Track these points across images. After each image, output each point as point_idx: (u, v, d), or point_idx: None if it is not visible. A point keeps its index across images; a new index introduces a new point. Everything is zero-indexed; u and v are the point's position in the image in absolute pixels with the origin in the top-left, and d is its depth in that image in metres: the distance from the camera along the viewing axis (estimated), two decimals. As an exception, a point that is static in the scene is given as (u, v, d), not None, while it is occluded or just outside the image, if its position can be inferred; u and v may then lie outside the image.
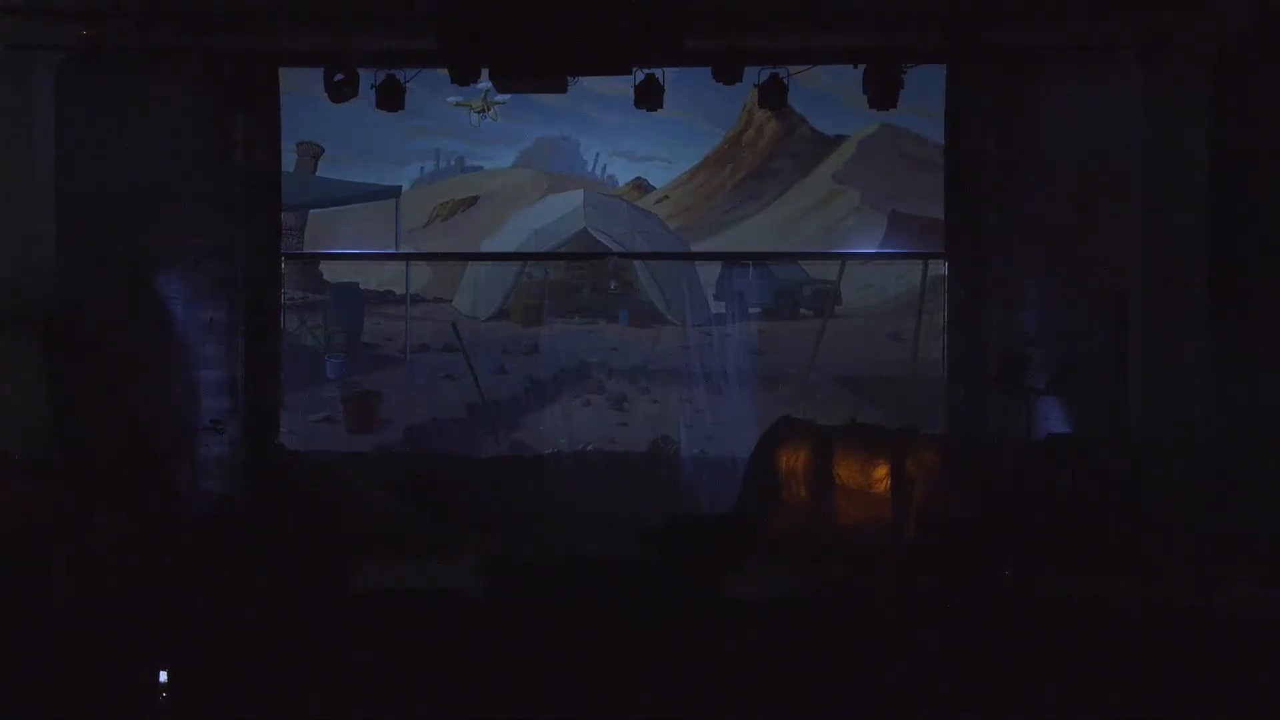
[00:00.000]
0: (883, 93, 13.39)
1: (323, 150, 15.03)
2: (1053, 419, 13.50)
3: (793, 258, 15.19)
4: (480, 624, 8.77)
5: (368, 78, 13.53)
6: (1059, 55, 13.77)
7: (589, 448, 14.99)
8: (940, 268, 14.88)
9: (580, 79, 13.70)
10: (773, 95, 13.69)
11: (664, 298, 15.22)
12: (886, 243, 14.94)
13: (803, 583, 10.35)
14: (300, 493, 12.96)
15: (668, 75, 13.29)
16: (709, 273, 15.21)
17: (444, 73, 12.88)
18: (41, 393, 13.46)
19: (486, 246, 15.18)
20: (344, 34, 13.30)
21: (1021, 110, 14.24)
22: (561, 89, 12.90)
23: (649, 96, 13.36)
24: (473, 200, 15.20)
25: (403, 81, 13.60)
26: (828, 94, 14.62)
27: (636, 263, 15.23)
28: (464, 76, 12.84)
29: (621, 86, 13.70)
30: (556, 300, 15.26)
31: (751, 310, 15.21)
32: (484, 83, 13.67)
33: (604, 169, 15.10)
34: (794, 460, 13.60)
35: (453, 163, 15.15)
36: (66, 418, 13.48)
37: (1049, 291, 14.08)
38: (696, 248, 15.10)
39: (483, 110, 14.85)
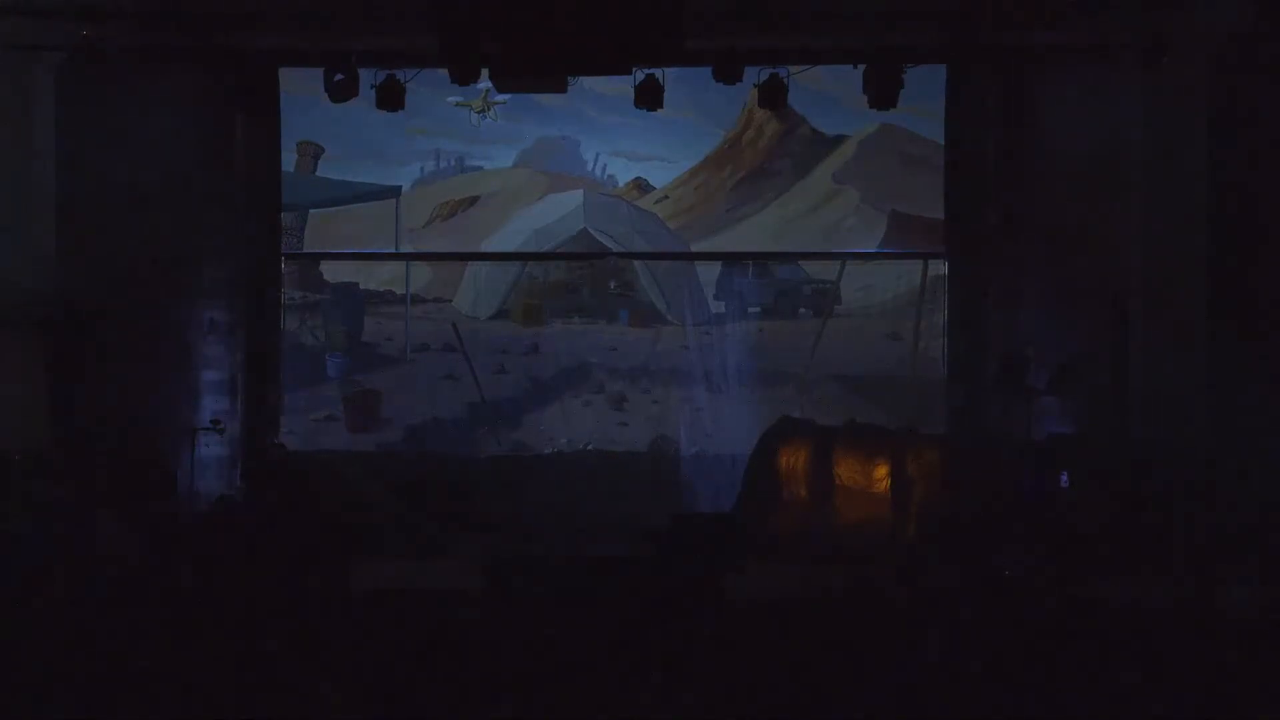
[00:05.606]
0: (883, 93, 13.40)
1: (323, 150, 15.04)
2: (1053, 419, 13.50)
3: (793, 258, 15.19)
4: (481, 624, 8.77)
5: (368, 78, 13.53)
6: (1059, 56, 13.77)
7: (589, 448, 14.99)
8: (940, 268, 14.88)
9: (580, 79, 13.72)
10: (773, 95, 13.69)
11: (664, 298, 15.23)
12: (886, 243, 14.94)
13: (803, 583, 10.35)
14: (300, 492, 12.95)
15: (668, 75, 13.30)
16: (709, 273, 15.21)
17: (444, 73, 12.90)
18: (41, 392, 13.46)
19: (486, 246, 15.19)
20: (344, 34, 13.31)
21: (1021, 110, 14.25)
22: (561, 89, 12.93)
23: (649, 96, 13.37)
24: (473, 200, 15.20)
25: (403, 81, 13.61)
26: (828, 94, 14.62)
27: (636, 263, 15.23)
28: (464, 76, 12.85)
29: (621, 86, 13.71)
30: (556, 300, 15.26)
31: (751, 310, 15.22)
32: (484, 83, 13.69)
33: (604, 169, 15.10)
34: (794, 460, 13.60)
35: (453, 163, 15.15)
36: (66, 418, 13.47)
37: (1049, 291, 14.08)
38: (696, 248, 15.10)
39: (483, 110, 14.85)
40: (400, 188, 15.08)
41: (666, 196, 15.11)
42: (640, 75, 13.24)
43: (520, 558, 11.73)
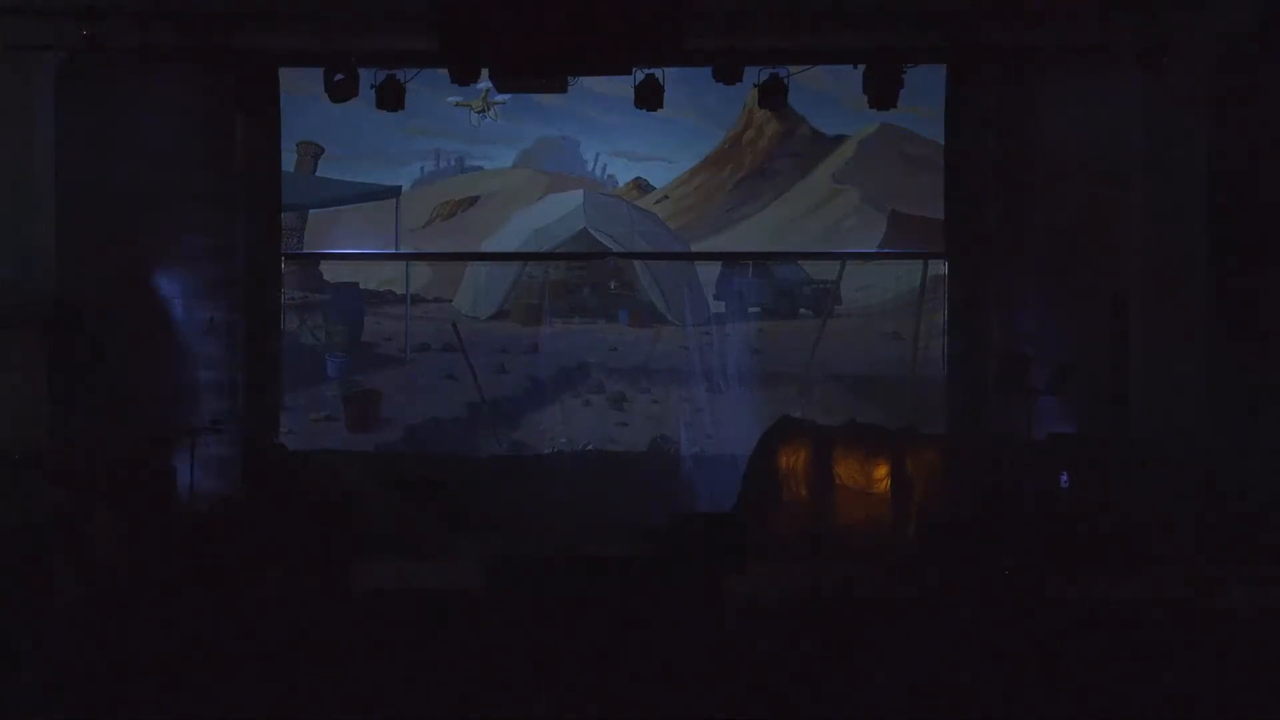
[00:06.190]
0: (883, 93, 13.41)
1: (323, 150, 15.04)
2: (1053, 419, 13.50)
3: (793, 258, 15.19)
4: (481, 624, 8.77)
5: (368, 78, 13.53)
6: (1059, 56, 13.77)
7: (589, 448, 14.99)
8: (940, 268, 14.88)
9: (580, 79, 13.72)
10: (773, 95, 13.70)
11: (664, 298, 15.22)
12: (886, 243, 14.94)
13: (803, 583, 10.34)
14: (300, 493, 12.95)
15: (668, 75, 13.31)
16: (709, 273, 15.21)
17: (444, 73, 12.90)
18: (41, 393, 13.46)
19: (486, 246, 15.19)
20: (344, 34, 13.30)
21: (1021, 110, 14.25)
22: (561, 89, 12.91)
23: (649, 96, 13.38)
24: (473, 200, 15.20)
25: (403, 81, 13.61)
26: (828, 94, 14.62)
27: (636, 263, 15.23)
28: (464, 76, 12.85)
29: (621, 86, 13.71)
30: (556, 300, 15.26)
31: (751, 310, 15.22)
32: (484, 83, 13.69)
33: (604, 169, 15.10)
34: (794, 460, 13.61)
35: (453, 163, 15.15)
36: (66, 417, 13.48)
37: (1049, 291, 14.09)
38: (696, 248, 15.10)
39: (483, 110, 14.85)
40: (400, 188, 15.08)
41: (666, 196, 15.11)
42: (640, 75, 13.25)
43: (520, 558, 11.71)
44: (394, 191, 15.08)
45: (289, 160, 14.97)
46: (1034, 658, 7.97)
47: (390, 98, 13.63)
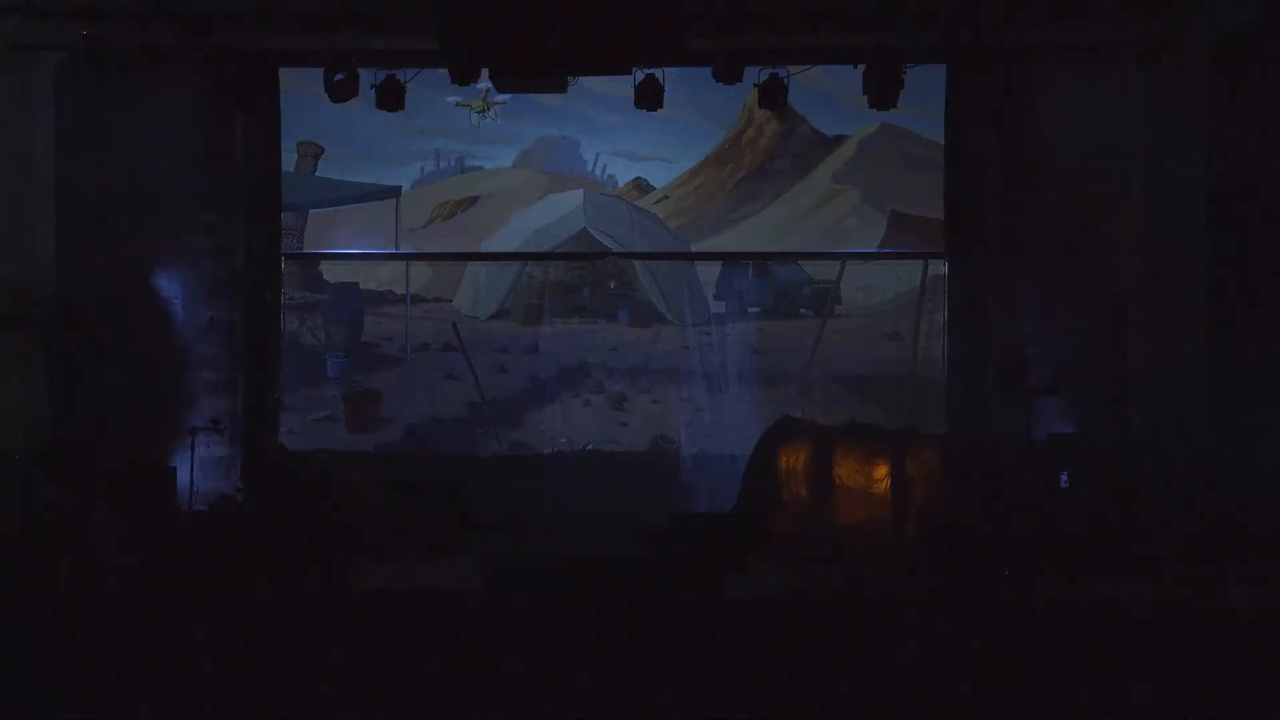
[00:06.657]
0: (883, 93, 13.42)
1: (323, 150, 15.04)
2: (1053, 419, 13.51)
3: (793, 258, 15.19)
4: (480, 624, 8.77)
5: (368, 78, 13.55)
6: (1059, 55, 13.78)
7: (589, 448, 14.99)
8: (940, 268, 14.88)
9: (580, 79, 13.72)
10: (773, 95, 13.71)
11: (664, 298, 15.22)
12: (886, 243, 14.94)
13: (802, 582, 10.35)
14: (300, 493, 12.95)
15: (668, 75, 13.32)
16: (709, 273, 15.21)
17: (444, 73, 12.91)
18: (41, 393, 13.47)
19: (486, 246, 15.19)
20: (344, 34, 13.31)
21: (1021, 110, 14.25)
22: (561, 89, 12.92)
23: (649, 96, 13.39)
24: (473, 200, 15.20)
25: (403, 81, 13.62)
26: (828, 94, 14.62)
27: (636, 263, 15.23)
28: (464, 76, 12.87)
29: (621, 86, 13.72)
30: (556, 300, 15.26)
31: (751, 310, 15.21)
32: (484, 83, 13.69)
33: (604, 169, 15.10)
34: (794, 460, 13.61)
35: (453, 163, 15.15)
36: (66, 417, 13.48)
37: (1049, 291, 14.09)
38: (696, 248, 15.10)
39: (483, 110, 14.85)
40: (400, 188, 15.08)
41: (666, 196, 15.11)
42: (640, 75, 13.26)
43: (520, 558, 11.71)
44: (394, 191, 15.08)
45: (289, 160, 14.97)
46: (1034, 658, 7.97)
47: (390, 98, 13.65)
